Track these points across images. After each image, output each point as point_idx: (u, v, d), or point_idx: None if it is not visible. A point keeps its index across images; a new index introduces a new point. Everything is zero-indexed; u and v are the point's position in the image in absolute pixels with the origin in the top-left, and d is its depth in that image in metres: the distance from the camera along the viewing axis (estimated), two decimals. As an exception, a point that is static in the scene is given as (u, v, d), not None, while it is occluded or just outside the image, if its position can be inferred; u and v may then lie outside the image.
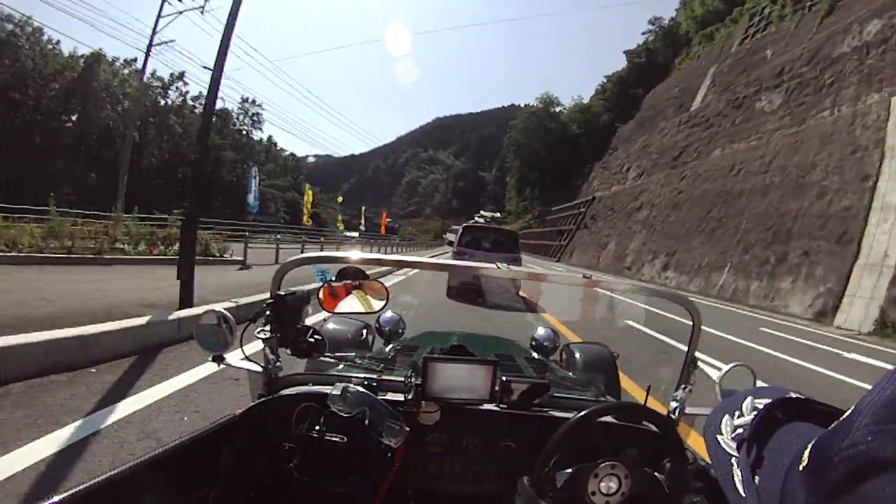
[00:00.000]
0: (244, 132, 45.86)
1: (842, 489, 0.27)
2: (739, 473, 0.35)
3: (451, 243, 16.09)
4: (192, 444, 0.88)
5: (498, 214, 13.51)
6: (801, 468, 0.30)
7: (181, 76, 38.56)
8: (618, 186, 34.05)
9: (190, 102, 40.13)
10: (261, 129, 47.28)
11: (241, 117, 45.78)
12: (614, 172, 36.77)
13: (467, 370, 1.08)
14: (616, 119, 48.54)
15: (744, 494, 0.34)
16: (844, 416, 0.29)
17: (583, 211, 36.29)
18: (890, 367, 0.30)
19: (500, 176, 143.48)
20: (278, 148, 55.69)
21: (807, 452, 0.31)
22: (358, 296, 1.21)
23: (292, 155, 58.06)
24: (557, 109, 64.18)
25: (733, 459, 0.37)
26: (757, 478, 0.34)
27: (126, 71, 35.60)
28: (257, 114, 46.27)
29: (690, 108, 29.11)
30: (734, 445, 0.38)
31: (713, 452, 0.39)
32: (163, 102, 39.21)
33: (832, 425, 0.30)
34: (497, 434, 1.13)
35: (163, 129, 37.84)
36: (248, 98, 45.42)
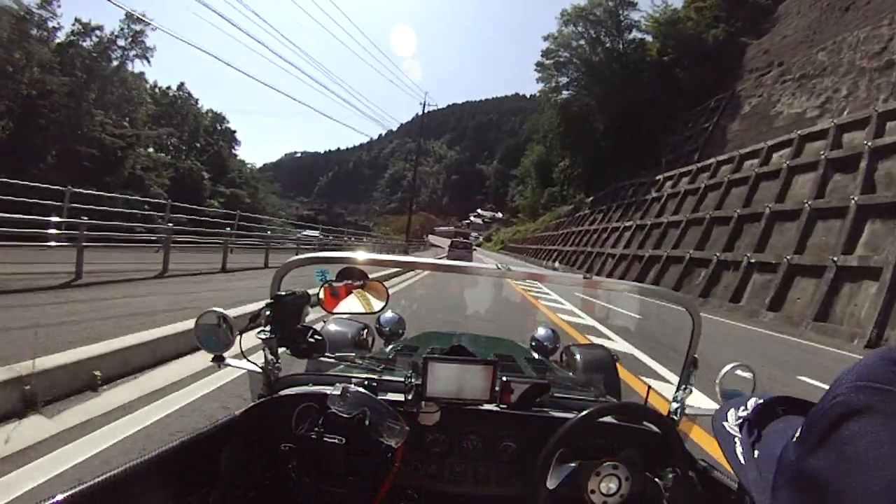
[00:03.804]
0: (119, 61, 27.15)
1: (824, 436, 0.31)
2: (741, 448, 0.42)
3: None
4: (192, 444, 0.89)
5: (499, 215, 13.72)
6: (794, 440, 0.35)
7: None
8: None
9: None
10: (147, 59, 28.02)
11: (120, 40, 27.06)
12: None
13: (467, 370, 1.08)
14: (738, 34, 29.32)
15: (743, 462, 0.40)
16: (829, 387, 0.34)
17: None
18: None
19: (501, 169, 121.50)
20: (192, 99, 35.52)
21: (799, 429, 0.36)
22: (358, 296, 1.21)
23: (220, 116, 37.36)
24: (624, 20, 34.33)
25: (736, 439, 0.43)
26: (756, 451, 0.40)
27: None
28: (139, 34, 27.15)
29: None
30: (737, 428, 0.44)
31: (720, 434, 0.45)
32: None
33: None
34: (497, 434, 1.12)
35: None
36: (133, 14, 24.71)
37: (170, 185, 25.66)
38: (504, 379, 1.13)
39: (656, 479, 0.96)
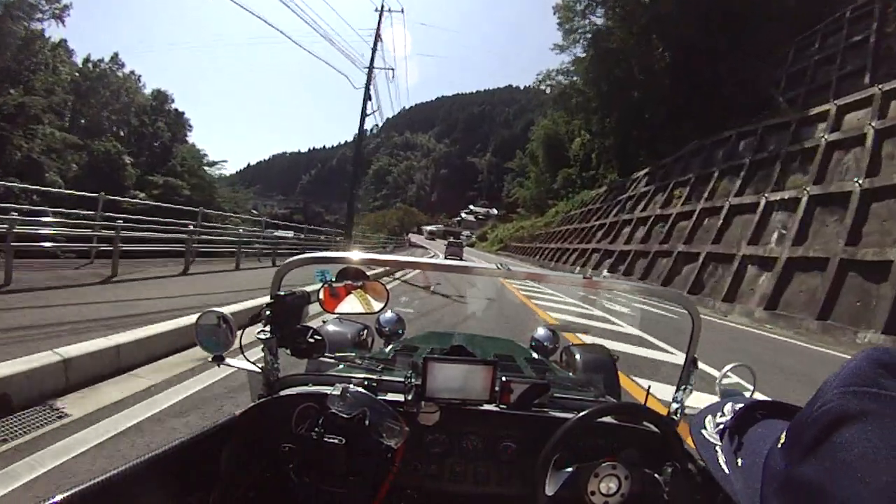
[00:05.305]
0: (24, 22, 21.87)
1: (815, 444, 0.30)
2: (723, 457, 0.41)
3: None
4: (191, 445, 0.88)
5: (494, 211, 12.54)
6: (779, 446, 0.35)
7: None
8: None
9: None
10: (61, 21, 23.35)
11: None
12: None
13: (467, 370, 1.08)
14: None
15: (727, 472, 0.40)
16: (815, 393, 0.33)
17: None
18: None
19: (496, 162, 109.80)
20: (134, 76, 29.24)
21: (784, 434, 0.35)
22: (358, 296, 1.21)
23: (164, 94, 30.84)
24: None
25: (717, 447, 0.43)
26: (740, 460, 0.40)
27: None
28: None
29: None
30: (717, 436, 0.44)
31: (699, 443, 0.46)
32: None
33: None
34: (497, 434, 1.13)
35: None
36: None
37: (79, 171, 20.68)
38: (504, 379, 1.13)
39: (656, 476, 0.96)
